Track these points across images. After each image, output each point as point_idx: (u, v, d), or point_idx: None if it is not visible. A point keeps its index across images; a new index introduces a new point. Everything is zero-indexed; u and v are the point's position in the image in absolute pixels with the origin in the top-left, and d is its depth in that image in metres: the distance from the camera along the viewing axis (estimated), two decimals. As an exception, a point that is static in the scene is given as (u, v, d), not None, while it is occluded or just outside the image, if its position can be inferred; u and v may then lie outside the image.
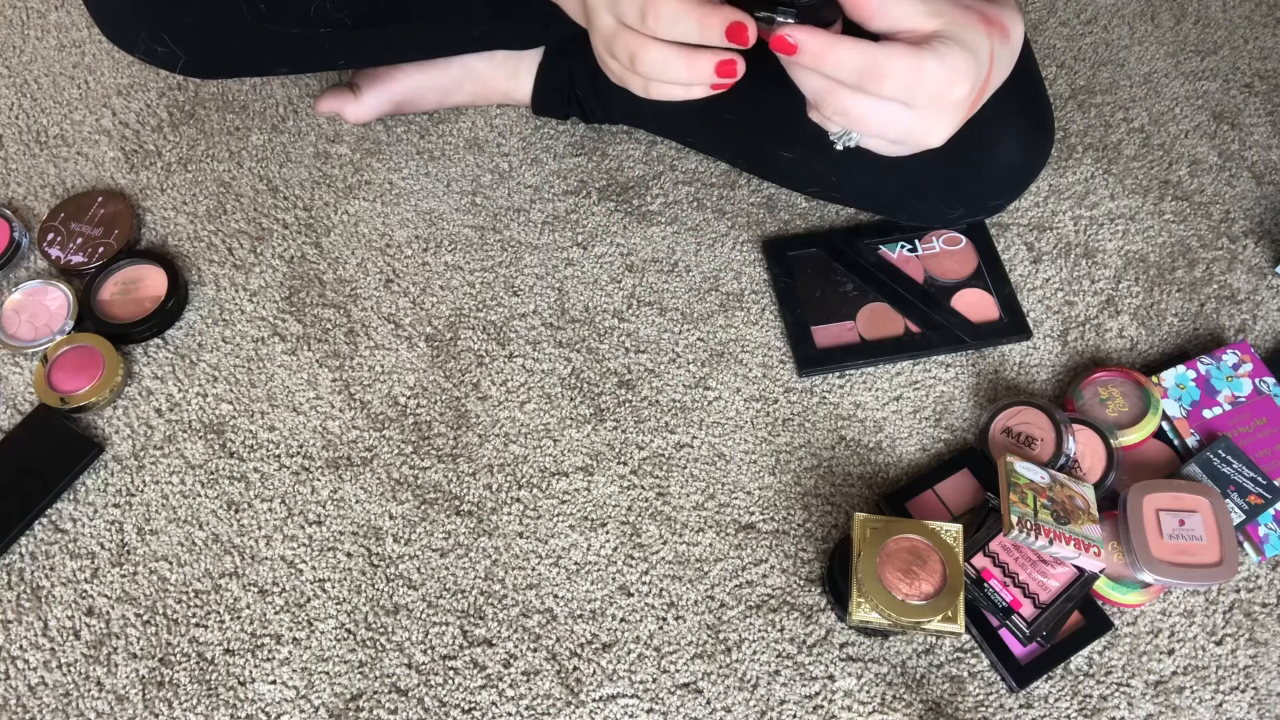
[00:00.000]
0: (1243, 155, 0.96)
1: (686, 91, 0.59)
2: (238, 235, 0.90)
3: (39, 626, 0.73)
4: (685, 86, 0.58)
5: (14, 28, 1.02)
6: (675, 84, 0.58)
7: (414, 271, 0.88)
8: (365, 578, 0.75)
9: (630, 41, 0.57)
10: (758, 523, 0.77)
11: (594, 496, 0.78)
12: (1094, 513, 0.72)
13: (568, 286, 0.88)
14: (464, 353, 0.84)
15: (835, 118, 0.59)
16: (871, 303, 0.86)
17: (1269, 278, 0.89)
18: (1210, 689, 0.71)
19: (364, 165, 0.94)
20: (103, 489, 0.78)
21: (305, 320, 0.86)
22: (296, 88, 0.98)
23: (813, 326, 0.85)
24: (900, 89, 0.56)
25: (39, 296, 0.86)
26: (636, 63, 0.57)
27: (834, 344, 0.84)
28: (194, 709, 0.70)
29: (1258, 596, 0.75)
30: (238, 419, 0.81)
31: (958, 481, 0.78)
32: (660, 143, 0.95)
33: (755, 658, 0.72)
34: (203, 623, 0.73)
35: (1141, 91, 1.00)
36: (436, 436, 0.81)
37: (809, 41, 0.55)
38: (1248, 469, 0.76)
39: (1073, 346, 0.85)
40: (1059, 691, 0.71)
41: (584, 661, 0.72)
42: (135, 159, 0.94)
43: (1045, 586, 0.71)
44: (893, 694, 0.71)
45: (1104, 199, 0.93)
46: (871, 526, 0.70)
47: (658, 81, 0.58)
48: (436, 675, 0.72)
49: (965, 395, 0.83)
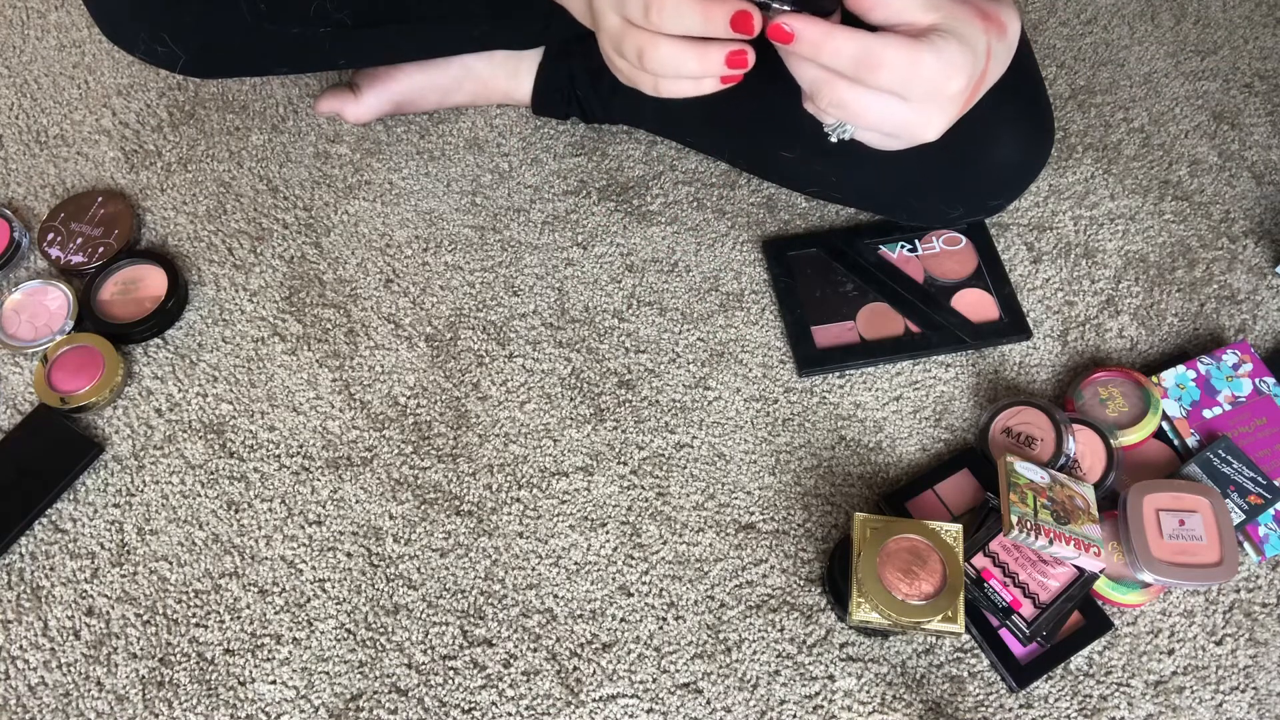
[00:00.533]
0: (1243, 155, 0.96)
1: (697, 86, 0.59)
2: (238, 235, 0.90)
3: (39, 626, 0.73)
4: (695, 81, 0.58)
5: (14, 28, 1.02)
6: (685, 78, 0.58)
7: (414, 271, 0.88)
8: (365, 578, 0.75)
9: (638, 39, 0.57)
10: (758, 523, 0.77)
11: (594, 496, 0.78)
12: (1094, 513, 0.72)
13: (568, 286, 0.88)
14: (464, 353, 0.84)
15: (831, 109, 0.58)
16: (871, 303, 0.86)
17: (1269, 278, 0.89)
18: (1210, 689, 0.71)
19: (364, 165, 0.94)
20: (103, 489, 0.78)
21: (305, 320, 0.86)
22: (296, 88, 0.98)
23: (813, 326, 0.85)
24: (896, 81, 0.56)
25: (39, 296, 0.86)
26: (645, 59, 0.57)
27: (834, 344, 0.84)
28: (194, 709, 0.70)
29: (1258, 596, 0.75)
30: (238, 419, 0.81)
31: (958, 481, 0.78)
32: (660, 143, 0.95)
33: (755, 658, 0.72)
34: (203, 623, 0.73)
35: (1141, 91, 1.00)
36: (436, 436, 0.81)
37: (806, 30, 0.55)
38: (1248, 469, 0.76)
39: (1073, 346, 0.85)
40: (1059, 691, 0.71)
41: (584, 661, 0.72)
42: (135, 159, 0.94)
43: (1045, 586, 0.71)
44: (893, 694, 0.71)
45: (1104, 199, 0.93)
46: (871, 526, 0.70)
47: (667, 78, 0.58)
48: (436, 675, 0.72)
49: (965, 395, 0.83)
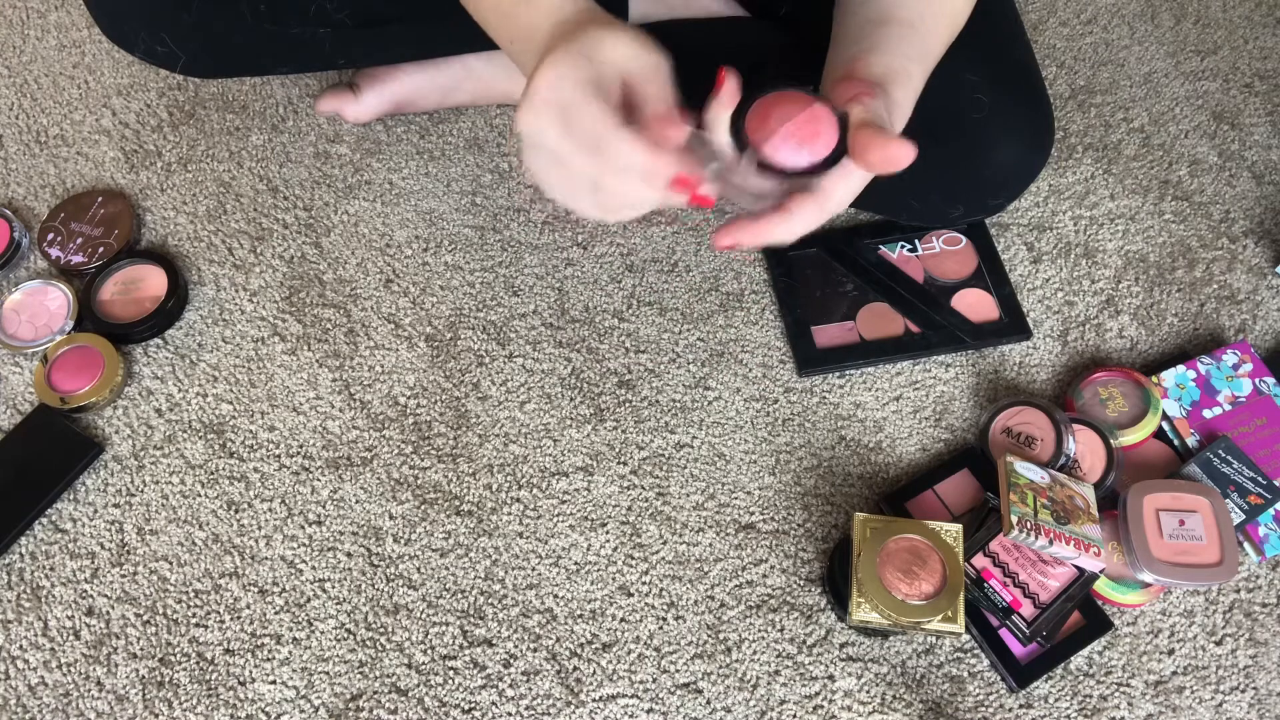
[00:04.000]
0: (1243, 155, 0.96)
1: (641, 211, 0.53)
2: (238, 235, 0.90)
3: (39, 626, 0.73)
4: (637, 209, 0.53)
5: (14, 28, 1.02)
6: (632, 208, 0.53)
7: (414, 271, 0.88)
8: (365, 578, 0.75)
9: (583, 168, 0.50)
10: (758, 523, 0.77)
11: (594, 496, 0.78)
12: (1094, 513, 0.72)
13: (568, 286, 0.88)
14: (464, 353, 0.84)
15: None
16: (871, 303, 0.86)
17: (1269, 278, 0.89)
18: (1210, 689, 0.71)
19: (364, 165, 0.94)
20: (103, 489, 0.78)
21: (305, 320, 0.86)
22: (296, 88, 0.98)
23: (813, 326, 0.85)
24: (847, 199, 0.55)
25: (39, 296, 0.86)
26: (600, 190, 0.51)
27: (834, 344, 0.84)
28: (194, 709, 0.70)
29: (1258, 596, 0.75)
30: (238, 419, 0.81)
31: (958, 481, 0.78)
32: (660, 143, 0.95)
33: (755, 658, 0.72)
34: (203, 623, 0.73)
35: (1141, 91, 1.00)
36: (436, 436, 0.81)
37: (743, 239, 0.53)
38: (1248, 469, 0.76)
39: (1073, 346, 0.85)
40: (1059, 691, 0.71)
41: (584, 661, 0.72)
42: (135, 159, 0.94)
43: (1045, 586, 0.71)
44: (893, 694, 0.71)
45: (1104, 199, 0.93)
46: (871, 526, 0.70)
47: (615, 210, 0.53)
48: (436, 675, 0.72)
49: (965, 395, 0.83)
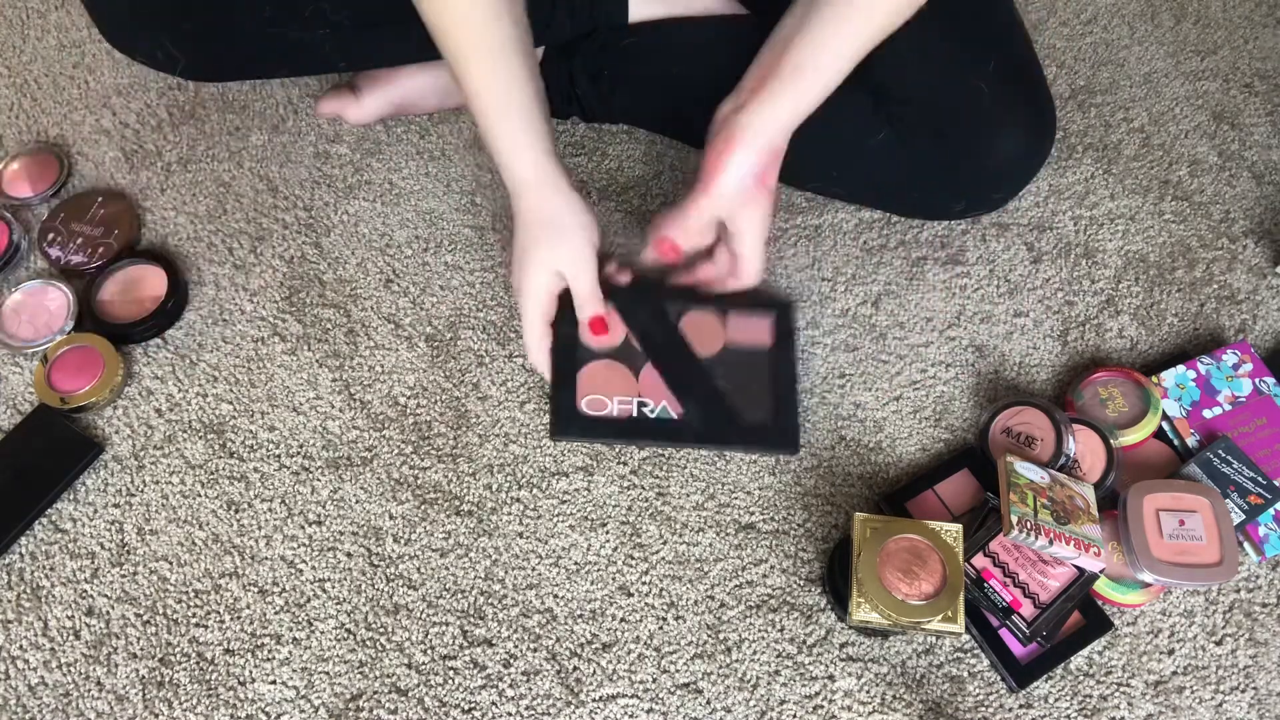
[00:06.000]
0: (1243, 155, 0.96)
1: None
2: (238, 235, 0.90)
3: (39, 626, 0.73)
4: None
5: (14, 28, 1.02)
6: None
7: (414, 271, 0.88)
8: (365, 578, 0.75)
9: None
10: (758, 523, 0.77)
11: (594, 496, 0.78)
12: (1094, 513, 0.72)
13: (568, 286, 0.88)
14: (464, 353, 0.84)
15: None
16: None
17: (1269, 278, 0.89)
18: (1210, 689, 0.71)
19: (364, 165, 0.94)
20: (103, 489, 0.78)
21: (305, 320, 0.86)
22: (296, 88, 0.98)
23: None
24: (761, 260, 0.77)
25: (39, 296, 0.86)
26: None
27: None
28: (194, 709, 0.70)
29: (1258, 596, 0.75)
30: (238, 419, 0.81)
31: (958, 481, 0.78)
32: (660, 143, 0.95)
33: (755, 658, 0.72)
34: (203, 623, 0.73)
35: (1141, 91, 1.00)
36: (436, 436, 0.81)
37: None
38: (1248, 469, 0.76)
39: (1073, 346, 0.85)
40: (1059, 691, 0.71)
41: (584, 661, 0.72)
42: (135, 159, 0.94)
43: (1045, 586, 0.71)
44: (893, 694, 0.71)
45: (1104, 199, 0.93)
46: (871, 526, 0.70)
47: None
48: (436, 675, 0.72)
49: (965, 395, 0.83)
